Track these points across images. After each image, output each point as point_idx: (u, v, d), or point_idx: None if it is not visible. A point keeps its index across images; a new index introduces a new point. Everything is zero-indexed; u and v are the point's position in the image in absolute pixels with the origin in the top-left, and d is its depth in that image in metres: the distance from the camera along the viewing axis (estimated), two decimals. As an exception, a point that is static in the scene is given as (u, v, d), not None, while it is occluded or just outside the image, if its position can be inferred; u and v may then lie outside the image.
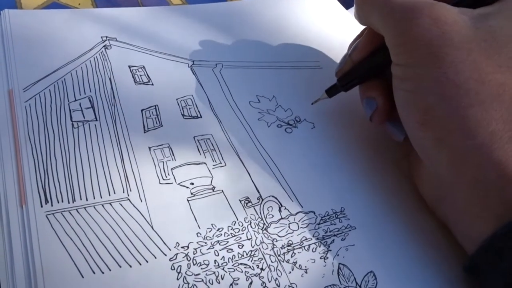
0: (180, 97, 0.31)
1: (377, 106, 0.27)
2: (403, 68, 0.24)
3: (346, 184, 0.28)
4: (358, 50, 0.28)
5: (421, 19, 0.23)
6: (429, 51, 0.22)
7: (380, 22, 0.25)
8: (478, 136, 0.21)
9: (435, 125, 0.22)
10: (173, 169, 0.27)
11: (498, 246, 0.20)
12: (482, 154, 0.21)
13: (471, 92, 0.21)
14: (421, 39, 0.22)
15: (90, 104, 0.29)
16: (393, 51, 0.24)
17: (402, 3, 0.24)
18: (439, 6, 0.23)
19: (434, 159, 0.23)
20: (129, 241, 0.23)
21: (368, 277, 0.24)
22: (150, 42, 0.34)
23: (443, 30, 0.22)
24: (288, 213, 0.26)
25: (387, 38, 0.25)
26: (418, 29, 0.22)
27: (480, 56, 0.22)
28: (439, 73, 0.22)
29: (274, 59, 0.36)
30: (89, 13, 0.35)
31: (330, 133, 0.31)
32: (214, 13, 0.38)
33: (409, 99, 0.24)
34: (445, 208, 0.25)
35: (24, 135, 0.26)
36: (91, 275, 0.22)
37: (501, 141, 0.21)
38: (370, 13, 0.26)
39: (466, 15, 0.23)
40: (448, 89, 0.22)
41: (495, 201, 0.21)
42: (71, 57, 0.31)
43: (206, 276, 0.23)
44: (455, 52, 0.22)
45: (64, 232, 0.23)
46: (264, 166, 0.28)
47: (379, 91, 0.27)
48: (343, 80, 0.29)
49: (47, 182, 0.25)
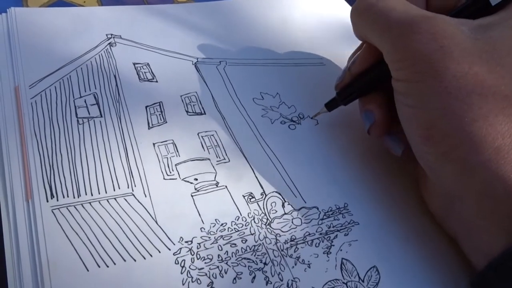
0: (184, 94, 0.31)
1: (375, 120, 0.27)
2: (404, 83, 0.23)
3: (350, 180, 0.28)
4: (357, 64, 0.28)
5: (419, 34, 0.22)
6: (429, 66, 0.22)
7: (377, 38, 0.25)
8: (483, 152, 0.20)
9: (438, 140, 0.22)
10: (177, 165, 0.27)
11: (509, 265, 0.20)
12: (488, 169, 0.20)
13: (474, 106, 0.21)
14: (420, 54, 0.22)
15: (95, 101, 0.29)
16: (393, 66, 0.24)
17: (399, 18, 0.23)
18: (437, 19, 0.22)
19: (439, 173, 0.23)
20: (134, 235, 0.24)
21: (371, 272, 0.24)
22: (154, 39, 0.34)
23: (442, 44, 0.21)
24: (292, 208, 0.26)
25: (385, 54, 0.24)
26: (417, 45, 0.22)
27: (482, 69, 0.21)
28: (441, 87, 0.21)
29: (278, 57, 0.36)
30: (94, 11, 0.36)
31: (333, 130, 0.31)
32: (218, 10, 0.39)
33: (411, 114, 0.23)
34: (452, 222, 0.25)
35: (30, 131, 0.27)
36: (96, 269, 0.22)
37: (508, 156, 0.20)
38: (366, 29, 0.26)
39: (466, 26, 0.22)
40: (450, 104, 0.21)
41: (504, 217, 0.20)
42: (76, 54, 0.32)
43: (209, 270, 0.23)
44: (456, 65, 0.21)
45: (69, 226, 0.23)
46: (267, 162, 0.28)
47: (378, 104, 0.27)
48: (343, 93, 0.29)
49: (53, 177, 0.25)
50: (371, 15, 0.25)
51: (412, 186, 0.28)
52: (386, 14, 0.24)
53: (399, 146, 0.27)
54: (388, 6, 0.24)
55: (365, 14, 0.25)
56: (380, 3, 0.25)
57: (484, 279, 0.21)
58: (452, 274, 0.25)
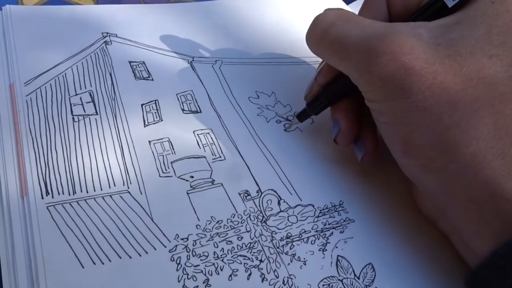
0: (180, 92, 0.31)
1: (340, 129, 0.27)
2: (376, 103, 0.23)
3: (345, 177, 0.28)
4: (322, 74, 0.27)
5: (378, 57, 0.21)
6: (394, 85, 0.21)
7: (340, 66, 0.25)
8: (459, 158, 0.20)
9: (416, 154, 0.22)
10: (173, 162, 0.27)
11: (500, 264, 0.20)
12: (468, 175, 0.20)
13: (444, 116, 0.20)
14: (383, 76, 0.21)
15: (90, 99, 0.29)
16: (361, 89, 0.24)
17: (355, 44, 0.23)
18: (393, 35, 0.22)
19: (423, 183, 0.23)
20: (129, 233, 0.24)
21: (366, 269, 0.24)
22: (150, 38, 0.34)
23: (402, 62, 0.21)
24: (287, 206, 0.26)
25: (352, 78, 0.24)
26: (378, 68, 0.22)
27: (446, 76, 0.21)
28: (409, 103, 0.21)
29: (273, 56, 0.36)
30: (90, 9, 0.35)
31: (329, 128, 0.31)
32: (214, 9, 0.39)
33: (388, 130, 0.24)
34: (443, 225, 0.25)
35: (25, 129, 0.26)
36: (91, 266, 0.22)
37: (485, 159, 0.20)
38: (325, 58, 0.26)
39: (424, 29, 0.22)
40: (421, 118, 0.21)
41: (491, 220, 0.20)
42: (72, 52, 0.31)
43: (205, 267, 0.23)
44: (420, 79, 0.21)
45: (64, 223, 0.23)
46: (263, 160, 0.28)
47: (343, 114, 0.27)
48: (312, 103, 0.29)
49: (48, 174, 0.25)
50: (327, 45, 0.24)
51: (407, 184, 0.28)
52: (341, 41, 0.23)
53: (360, 151, 0.28)
54: (341, 33, 0.24)
55: (320, 44, 0.25)
56: (332, 31, 0.24)
57: (476, 278, 0.21)
58: (447, 271, 0.25)
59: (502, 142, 0.20)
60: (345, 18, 0.24)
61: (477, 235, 0.21)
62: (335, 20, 0.24)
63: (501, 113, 0.20)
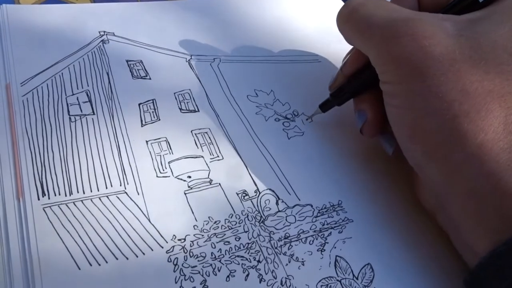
0: (178, 91, 0.31)
1: (367, 119, 0.27)
2: (390, 85, 0.24)
3: (344, 177, 0.28)
4: (348, 65, 0.28)
5: (399, 37, 0.22)
6: (411, 67, 0.22)
7: (361, 44, 0.25)
8: (465, 148, 0.20)
9: (423, 139, 0.22)
10: (170, 162, 0.27)
11: (499, 264, 0.20)
12: (472, 166, 0.20)
13: (455, 103, 0.21)
14: (402, 57, 0.22)
15: (87, 98, 0.29)
16: (378, 70, 0.24)
17: (379, 24, 0.23)
18: (417, 20, 0.22)
19: (426, 171, 0.23)
20: (126, 233, 0.23)
21: (365, 269, 0.24)
22: (147, 36, 0.34)
23: (422, 45, 0.22)
24: (286, 206, 0.26)
25: (370, 58, 0.25)
26: (398, 48, 0.22)
27: (465, 65, 0.21)
28: (423, 87, 0.21)
29: (272, 54, 0.36)
30: (87, 8, 0.35)
31: (328, 127, 0.31)
32: (212, 7, 0.38)
33: (398, 114, 0.24)
34: (443, 219, 0.25)
35: (21, 129, 0.26)
36: (88, 267, 0.22)
37: (492, 152, 0.20)
38: (350, 36, 0.26)
39: (450, 22, 0.22)
40: (432, 102, 0.21)
41: (490, 214, 0.20)
42: (68, 51, 0.31)
43: (202, 268, 0.23)
44: (437, 64, 0.21)
45: (61, 224, 0.23)
46: (261, 160, 0.28)
47: (370, 104, 0.27)
48: (336, 94, 0.29)
49: (44, 175, 0.25)
50: (354, 22, 0.25)
51: (406, 183, 0.28)
52: (368, 20, 0.24)
53: (390, 145, 0.27)
54: (369, 12, 0.24)
55: (348, 21, 0.26)
56: (361, 10, 0.25)
57: (475, 278, 0.21)
58: (446, 271, 0.25)
59: (510, 137, 0.20)
60: (376, 2, 0.25)
61: (475, 230, 0.21)
62: (366, 1, 0.25)
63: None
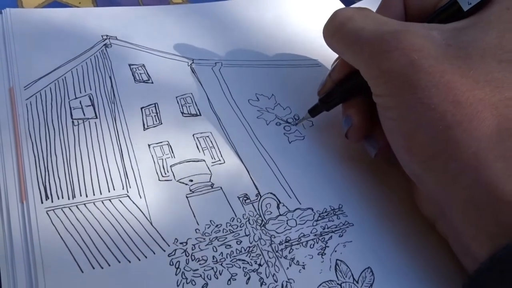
0: (180, 95, 0.31)
1: (352, 124, 0.28)
2: (383, 98, 0.24)
3: (344, 181, 0.28)
4: (336, 71, 0.28)
5: (389, 52, 0.22)
6: (402, 81, 0.22)
7: (351, 58, 0.25)
8: (461, 158, 0.20)
9: (418, 151, 0.22)
10: (172, 166, 0.27)
11: (498, 269, 0.20)
12: (468, 175, 0.20)
13: (447, 114, 0.21)
14: (392, 71, 0.22)
15: (90, 102, 0.29)
16: (370, 83, 0.24)
17: (369, 38, 0.23)
18: (406, 33, 0.22)
19: (423, 181, 0.23)
20: (128, 237, 0.24)
21: (365, 273, 0.24)
22: (150, 41, 0.34)
23: (412, 58, 0.22)
24: (286, 209, 0.26)
25: (361, 72, 0.25)
26: (388, 63, 0.22)
27: (454, 76, 0.21)
28: (415, 99, 0.22)
29: (273, 58, 0.36)
30: (90, 12, 0.36)
31: (328, 131, 0.31)
32: (214, 12, 0.39)
33: (393, 126, 0.24)
34: (442, 225, 0.25)
35: (25, 132, 0.27)
36: (90, 270, 0.22)
37: (487, 161, 0.20)
38: (339, 50, 0.26)
39: (437, 31, 0.22)
40: (425, 114, 0.21)
41: (489, 222, 0.20)
42: (71, 55, 0.31)
43: (204, 271, 0.23)
44: (427, 76, 0.21)
45: (64, 228, 0.23)
46: (262, 164, 0.28)
47: (356, 110, 0.28)
48: (325, 99, 0.29)
49: (48, 178, 0.25)
50: (341, 36, 0.25)
51: (406, 188, 0.28)
52: (356, 35, 0.24)
53: (373, 148, 0.28)
54: (357, 26, 0.24)
55: (336, 35, 0.26)
56: (349, 24, 0.25)
57: (475, 282, 0.21)
58: (446, 276, 0.25)
59: (504, 144, 0.20)
60: (363, 14, 0.25)
61: (475, 237, 0.21)
62: (353, 15, 0.25)
63: (505, 116, 0.20)
